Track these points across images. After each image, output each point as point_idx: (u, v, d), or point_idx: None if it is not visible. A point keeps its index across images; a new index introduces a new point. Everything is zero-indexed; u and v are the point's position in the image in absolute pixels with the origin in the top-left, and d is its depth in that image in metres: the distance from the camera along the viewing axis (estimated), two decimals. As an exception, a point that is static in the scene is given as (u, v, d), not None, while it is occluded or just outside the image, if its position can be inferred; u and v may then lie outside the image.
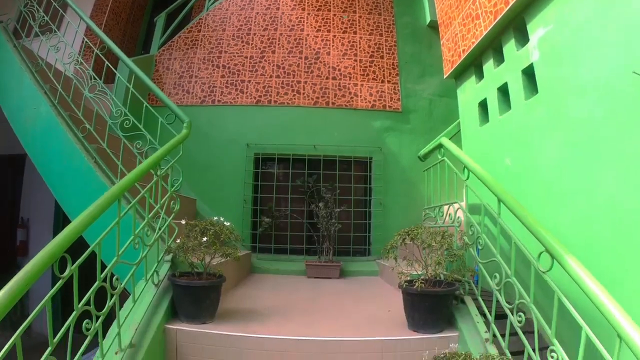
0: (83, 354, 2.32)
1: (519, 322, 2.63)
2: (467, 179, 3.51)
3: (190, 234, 3.29)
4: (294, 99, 7.09)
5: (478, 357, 2.25)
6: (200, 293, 3.18)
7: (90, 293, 2.36)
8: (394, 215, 6.65)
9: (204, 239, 3.20)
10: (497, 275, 2.89)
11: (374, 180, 6.93)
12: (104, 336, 2.57)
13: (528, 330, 2.61)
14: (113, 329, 2.71)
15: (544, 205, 3.30)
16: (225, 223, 3.44)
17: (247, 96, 7.11)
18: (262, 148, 6.88)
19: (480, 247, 3.18)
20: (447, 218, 3.87)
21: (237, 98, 7.12)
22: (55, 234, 6.55)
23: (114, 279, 2.63)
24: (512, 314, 2.69)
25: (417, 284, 3.12)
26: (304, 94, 7.11)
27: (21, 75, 4.79)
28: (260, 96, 7.11)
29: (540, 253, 2.43)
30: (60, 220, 7.27)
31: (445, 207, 4.00)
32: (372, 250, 6.74)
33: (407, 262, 3.35)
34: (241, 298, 4.32)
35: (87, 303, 2.32)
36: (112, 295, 2.59)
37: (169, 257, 3.52)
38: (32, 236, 7.75)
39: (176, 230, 3.61)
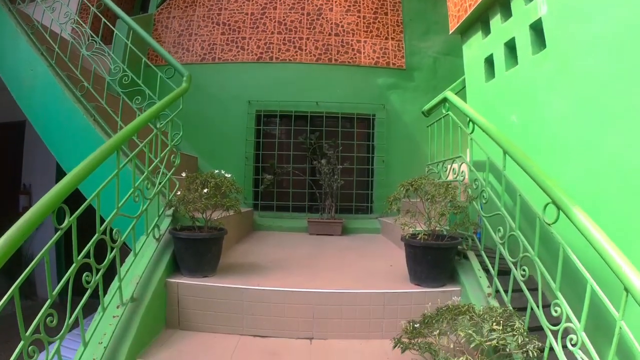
0: (83, 309, 2.31)
1: (523, 276, 2.61)
2: (472, 132, 3.44)
3: (191, 186, 3.25)
4: (296, 55, 6.97)
5: (481, 309, 2.23)
6: (201, 246, 3.16)
7: (89, 245, 2.33)
8: (396, 173, 6.59)
9: (205, 190, 3.16)
10: (501, 228, 2.86)
11: (376, 137, 6.88)
12: (105, 292, 2.57)
13: (530, 288, 2.60)
14: (114, 284, 2.70)
15: (549, 161, 3.24)
16: (226, 175, 3.40)
17: (248, 53, 6.98)
18: (263, 105, 6.81)
19: (484, 202, 3.14)
20: (450, 174, 3.82)
21: (238, 55, 6.99)
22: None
23: (114, 232, 2.60)
24: (516, 268, 2.67)
25: (420, 236, 3.09)
26: (306, 50, 6.98)
27: (17, 38, 4.66)
28: (261, 53, 6.97)
29: (547, 205, 2.38)
30: (62, 185, 7.23)
31: (449, 163, 3.95)
32: (375, 208, 6.76)
33: (411, 215, 3.32)
34: (243, 253, 4.32)
35: (87, 256, 2.30)
36: (112, 249, 2.57)
37: (170, 211, 3.49)
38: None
39: (177, 185, 3.58)
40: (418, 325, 2.34)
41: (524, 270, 2.61)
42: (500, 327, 2.05)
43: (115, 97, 4.27)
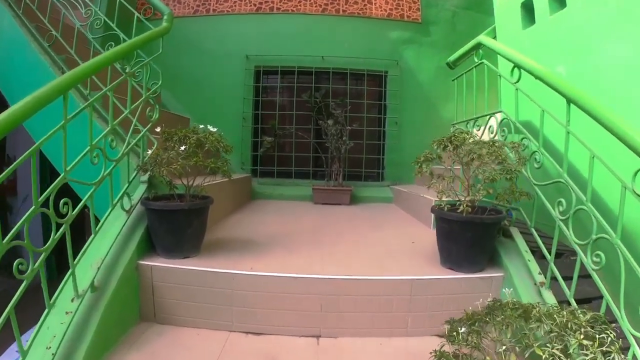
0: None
1: (596, 263, 2.00)
2: (518, 81, 2.78)
3: (168, 144, 2.60)
4: (300, 5, 6.33)
5: (563, 315, 1.60)
6: (179, 219, 2.54)
7: (21, 223, 1.71)
8: (410, 136, 6.16)
9: (182, 148, 2.51)
10: (563, 201, 2.23)
11: (388, 96, 6.30)
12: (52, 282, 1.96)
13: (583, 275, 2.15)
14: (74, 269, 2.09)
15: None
16: (211, 129, 2.74)
17: (246, 3, 6.33)
18: (263, 60, 6.22)
19: (536, 167, 2.50)
20: (486, 134, 3.15)
21: (235, 6, 6.34)
22: (42, 170, 6.05)
23: (60, 204, 1.98)
24: (585, 254, 2.06)
25: (461, 207, 2.44)
26: (310, 0, 6.30)
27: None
28: (260, 3, 6.32)
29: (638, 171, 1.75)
30: (48, 156, 6.82)
31: (482, 121, 3.28)
32: (386, 175, 6.26)
33: (448, 181, 2.63)
34: (236, 226, 3.72)
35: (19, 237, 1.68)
36: (59, 226, 1.94)
37: (145, 176, 2.84)
38: (20, 174, 7.26)
39: (155, 144, 2.92)
40: (465, 330, 1.73)
41: (597, 256, 2.00)
42: (596, 344, 1.42)
43: (88, 49, 3.65)
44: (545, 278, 2.37)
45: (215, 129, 2.74)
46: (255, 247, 2.99)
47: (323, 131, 5.63)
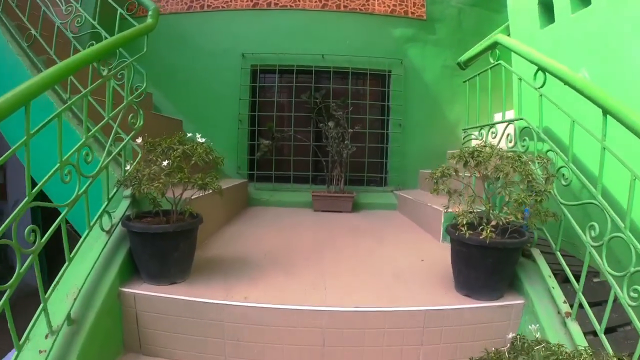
0: None
1: (633, 299, 1.76)
2: (542, 86, 2.52)
3: (150, 156, 2.33)
4: (298, 1, 5.98)
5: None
6: (164, 242, 2.27)
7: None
8: (414, 138, 5.89)
9: (165, 162, 2.24)
10: (596, 226, 1.98)
11: (392, 97, 5.99)
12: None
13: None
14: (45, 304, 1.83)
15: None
16: (199, 140, 2.47)
17: (242, -2, 5.98)
18: (260, 59, 5.89)
19: (564, 184, 2.25)
20: (503, 142, 2.89)
21: (230, 1, 6.01)
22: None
23: (26, 231, 1.72)
24: (621, 288, 1.82)
25: (485, 233, 2.17)
26: (310, -6, 5.98)
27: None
28: (258, -2, 5.97)
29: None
30: (37, 160, 6.61)
31: (501, 127, 3.01)
32: (389, 180, 5.96)
33: (469, 201, 2.37)
34: (230, 241, 3.44)
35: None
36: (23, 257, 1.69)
37: (128, 191, 2.57)
38: (10, 178, 6.98)
39: (140, 155, 2.65)
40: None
41: (635, 291, 1.76)
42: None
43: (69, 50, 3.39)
44: (572, 308, 2.13)
45: (203, 140, 2.46)
46: (249, 269, 2.72)
47: (323, 134, 5.35)
